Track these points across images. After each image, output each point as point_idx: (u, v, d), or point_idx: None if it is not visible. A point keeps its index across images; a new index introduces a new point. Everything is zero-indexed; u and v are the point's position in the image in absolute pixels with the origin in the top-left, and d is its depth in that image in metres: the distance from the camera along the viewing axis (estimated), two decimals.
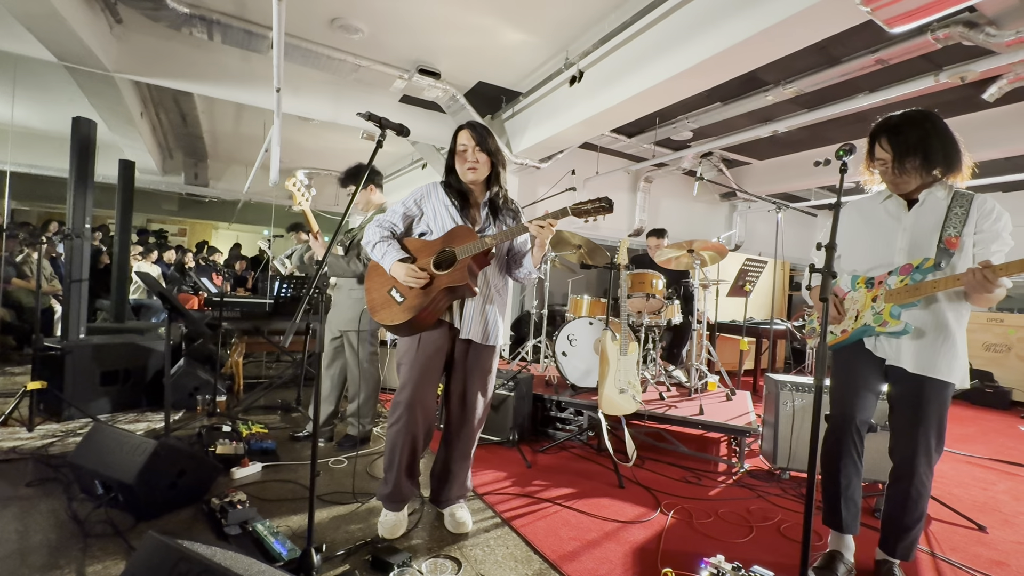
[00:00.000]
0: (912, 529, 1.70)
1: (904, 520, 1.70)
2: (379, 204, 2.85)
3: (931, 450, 1.66)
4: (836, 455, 1.77)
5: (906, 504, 1.68)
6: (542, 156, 5.48)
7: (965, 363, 1.67)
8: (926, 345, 1.65)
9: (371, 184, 2.81)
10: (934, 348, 1.64)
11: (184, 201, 10.48)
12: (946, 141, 1.64)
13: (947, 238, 1.61)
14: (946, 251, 1.61)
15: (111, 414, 3.23)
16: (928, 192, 1.69)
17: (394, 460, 1.93)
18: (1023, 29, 2.89)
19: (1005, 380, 5.36)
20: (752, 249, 8.09)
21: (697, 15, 3.18)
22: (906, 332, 1.66)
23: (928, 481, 1.68)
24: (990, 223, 1.59)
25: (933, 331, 1.65)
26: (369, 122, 1.75)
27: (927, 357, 1.64)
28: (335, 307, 2.85)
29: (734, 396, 3.63)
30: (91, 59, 3.76)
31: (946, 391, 1.65)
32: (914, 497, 1.67)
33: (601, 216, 1.81)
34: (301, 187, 2.57)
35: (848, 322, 1.82)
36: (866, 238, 1.80)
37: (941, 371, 1.63)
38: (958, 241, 1.60)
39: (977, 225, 1.61)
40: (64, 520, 1.90)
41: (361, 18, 3.82)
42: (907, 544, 1.72)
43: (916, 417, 1.66)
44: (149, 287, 2.91)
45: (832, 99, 4.55)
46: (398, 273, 1.85)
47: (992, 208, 1.61)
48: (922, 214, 1.69)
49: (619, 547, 1.94)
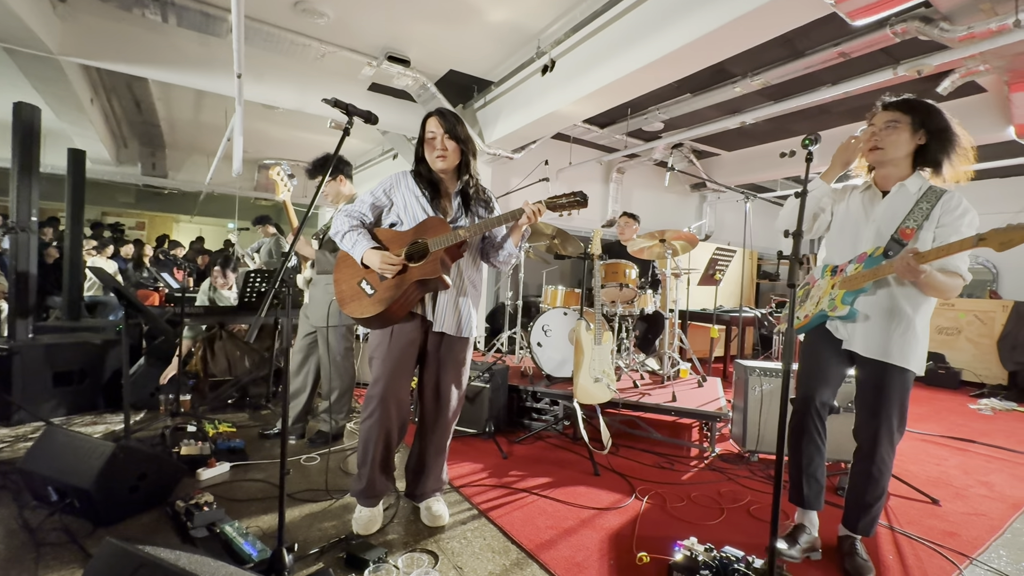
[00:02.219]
0: (873, 506, 1.78)
1: (865, 498, 1.77)
2: (349, 195, 2.78)
3: (892, 432, 1.73)
4: (799, 434, 1.85)
5: (867, 483, 1.76)
6: (515, 146, 5.45)
7: (923, 350, 1.72)
8: (877, 330, 1.71)
9: (340, 175, 2.72)
10: (886, 334, 1.70)
11: (142, 193, 10.02)
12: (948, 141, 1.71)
13: (902, 229, 1.67)
14: (898, 241, 1.66)
15: (66, 416, 3.08)
16: (901, 185, 1.74)
17: (368, 455, 1.89)
18: (974, 25, 3.01)
19: (956, 361, 5.65)
20: (722, 238, 8.27)
21: (666, 6, 3.20)
22: (851, 317, 1.73)
23: (889, 461, 1.75)
24: (952, 217, 1.62)
25: (885, 317, 1.71)
26: (336, 109, 1.69)
27: (878, 342, 1.71)
28: (311, 302, 2.78)
29: (705, 383, 3.71)
30: (32, 40, 3.52)
31: (905, 376, 1.71)
32: (875, 476, 1.74)
33: (576, 210, 1.80)
34: (284, 177, 2.48)
35: (810, 307, 1.89)
36: (841, 228, 1.86)
37: (894, 356, 1.69)
38: (913, 233, 1.65)
39: (940, 219, 1.64)
40: (14, 529, 1.80)
41: (326, 2, 3.69)
42: (868, 520, 1.79)
43: (877, 401, 1.73)
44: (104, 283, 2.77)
45: (797, 91, 4.66)
46: (372, 260, 1.80)
47: (958, 204, 1.64)
48: (890, 206, 1.74)
49: (595, 534, 1.97)
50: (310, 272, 2.78)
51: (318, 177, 2.68)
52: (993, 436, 3.60)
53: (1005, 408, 4.53)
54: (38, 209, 3.31)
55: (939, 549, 1.96)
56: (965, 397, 4.98)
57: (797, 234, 1.46)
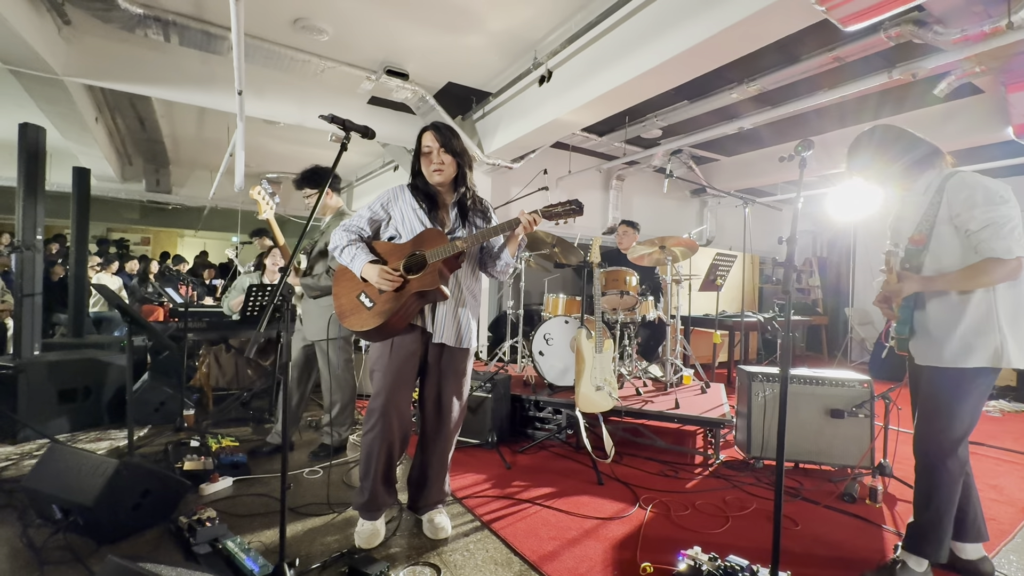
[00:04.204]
0: (917, 519, 1.68)
1: (914, 507, 1.70)
2: (335, 207, 2.81)
3: (927, 436, 1.65)
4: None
5: (916, 493, 1.71)
6: (514, 156, 5.48)
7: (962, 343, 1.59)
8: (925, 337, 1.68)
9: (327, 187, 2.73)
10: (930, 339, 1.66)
11: (146, 209, 10.10)
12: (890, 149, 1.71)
13: (912, 237, 1.67)
14: (912, 252, 1.66)
15: (71, 433, 3.09)
16: (908, 192, 1.73)
17: (370, 468, 1.89)
18: (967, 28, 3.03)
19: None
20: (723, 243, 8.25)
21: (660, 15, 3.23)
22: (903, 332, 1.71)
23: (937, 473, 1.64)
24: (960, 203, 1.56)
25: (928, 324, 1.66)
26: (333, 124, 1.72)
27: (922, 348, 1.68)
28: (305, 316, 2.79)
29: (708, 389, 3.69)
30: (38, 62, 3.58)
31: (937, 375, 1.63)
32: (922, 489, 1.67)
33: (572, 219, 1.81)
34: (265, 195, 2.50)
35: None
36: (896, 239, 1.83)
37: (929, 358, 1.65)
38: (923, 238, 1.63)
39: (951, 208, 1.58)
40: (19, 548, 1.80)
41: (325, 19, 3.75)
42: (913, 535, 1.69)
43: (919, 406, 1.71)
44: (107, 300, 2.79)
45: (794, 96, 4.68)
46: (370, 275, 1.81)
47: (960, 186, 1.57)
48: (909, 214, 1.73)
49: (599, 544, 1.95)
50: (300, 287, 2.78)
51: (304, 188, 2.70)
52: (1002, 438, 3.56)
53: (1014, 410, 4.48)
54: (44, 228, 3.36)
55: None
56: None
57: (791, 241, 1.46)
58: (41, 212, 3.31)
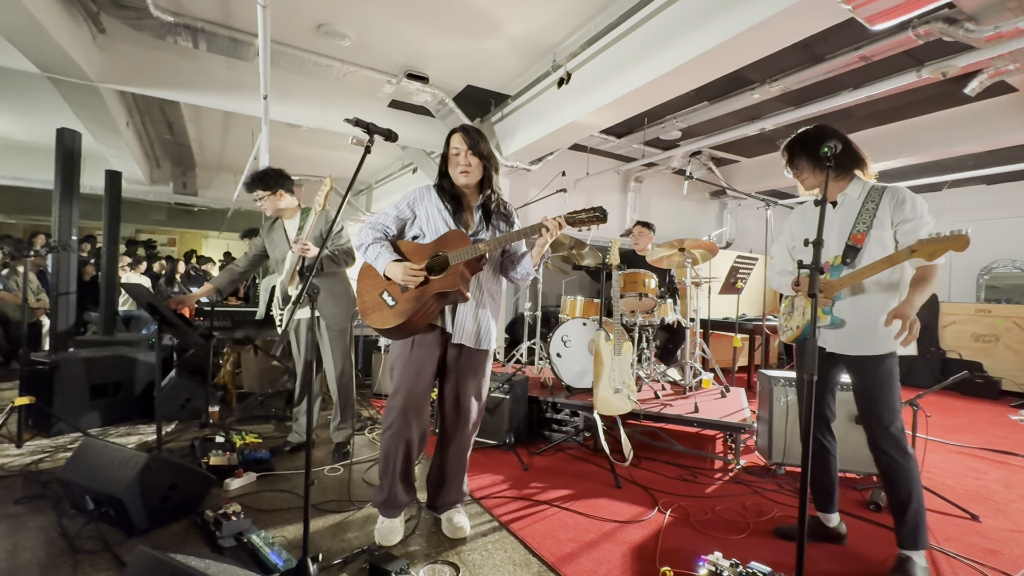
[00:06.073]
0: (901, 513, 1.73)
1: (891, 504, 1.76)
2: (287, 208, 2.73)
3: (883, 424, 1.72)
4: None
5: (886, 487, 1.77)
6: (532, 158, 5.49)
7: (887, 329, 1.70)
8: (854, 329, 1.79)
9: (280, 189, 2.68)
10: (863, 330, 1.77)
11: (173, 211, 10.39)
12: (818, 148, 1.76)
13: (853, 234, 1.77)
14: (852, 247, 1.77)
15: (102, 428, 3.19)
16: (843, 194, 1.83)
17: (389, 466, 1.92)
18: (1001, 24, 2.94)
19: (994, 370, 5.42)
20: (743, 246, 8.14)
21: (681, 16, 3.21)
22: (834, 324, 1.81)
23: (900, 458, 1.72)
24: (907, 213, 1.70)
25: (859, 315, 1.77)
26: (357, 128, 1.75)
27: (853, 338, 1.79)
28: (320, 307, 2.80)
29: (728, 393, 3.64)
30: (74, 69, 3.72)
31: (876, 362, 1.73)
32: (891, 477, 1.74)
33: (595, 225, 1.82)
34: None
35: (799, 318, 1.94)
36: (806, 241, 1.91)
37: (868, 347, 1.75)
38: (864, 236, 1.75)
39: (893, 216, 1.72)
40: (54, 537, 1.87)
41: (348, 24, 3.81)
42: (906, 530, 1.73)
43: (862, 396, 1.78)
44: (136, 299, 2.87)
45: (817, 96, 4.59)
46: (394, 272, 1.84)
47: (904, 198, 1.72)
48: (841, 214, 1.84)
49: (617, 547, 1.94)
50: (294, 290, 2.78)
51: (256, 191, 2.65)
52: None
53: None
54: (78, 228, 3.48)
55: (980, 568, 1.88)
56: (1005, 407, 4.77)
57: (817, 243, 1.44)
58: (76, 214, 3.43)
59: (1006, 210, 6.98)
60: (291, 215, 2.77)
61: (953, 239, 1.49)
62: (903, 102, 4.83)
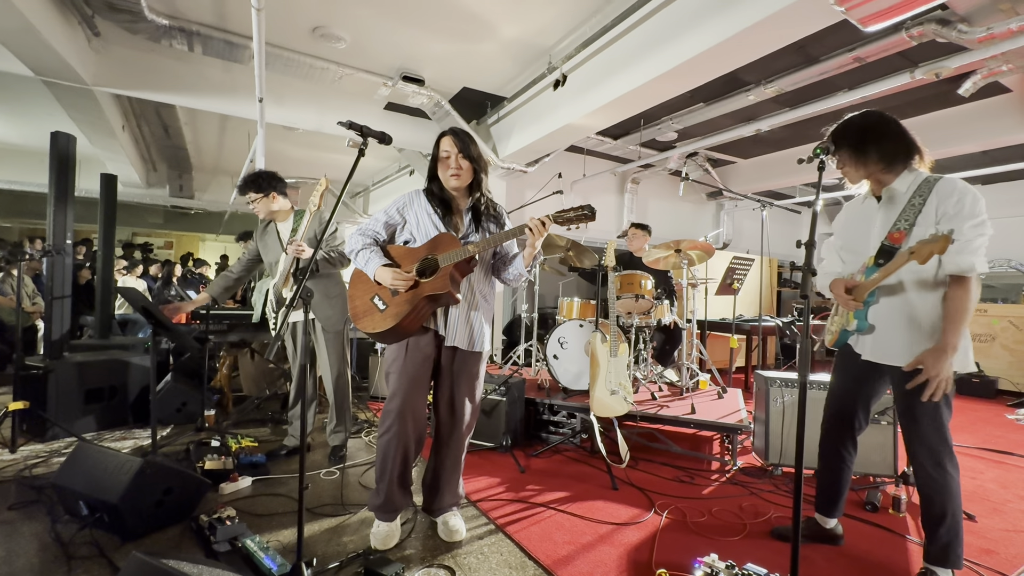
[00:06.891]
0: (933, 528, 1.65)
1: (923, 517, 1.68)
2: (280, 210, 2.74)
3: (927, 442, 1.62)
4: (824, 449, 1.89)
5: (920, 499, 1.69)
6: (528, 160, 5.50)
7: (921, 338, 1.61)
8: (886, 337, 1.69)
9: (272, 191, 2.68)
10: (897, 338, 1.66)
11: (169, 214, 10.37)
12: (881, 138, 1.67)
13: (891, 233, 1.65)
14: (888, 248, 1.64)
15: (96, 432, 3.18)
16: (888, 188, 1.70)
17: (386, 470, 1.91)
18: (993, 25, 2.96)
19: (991, 370, 5.44)
20: (740, 247, 8.16)
21: (676, 18, 3.22)
22: (861, 329, 1.73)
23: (940, 477, 1.61)
24: (950, 207, 1.55)
25: (896, 323, 1.67)
26: (351, 131, 1.75)
27: (888, 347, 1.68)
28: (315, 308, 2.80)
29: (725, 394, 3.64)
30: (69, 73, 3.72)
31: (908, 376, 1.61)
32: (926, 494, 1.65)
33: (584, 224, 1.81)
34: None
35: (840, 321, 1.86)
36: (854, 239, 1.84)
37: (896, 356, 1.65)
38: (903, 235, 1.61)
39: (939, 211, 1.57)
40: (48, 543, 1.86)
41: (343, 27, 3.82)
42: (936, 547, 1.65)
43: (900, 410, 1.69)
44: (131, 302, 2.86)
45: (812, 97, 4.62)
46: (384, 277, 1.84)
47: (951, 191, 1.56)
48: (885, 212, 1.72)
49: (614, 549, 1.94)
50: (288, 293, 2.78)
51: (248, 193, 2.65)
52: None
53: None
54: (73, 232, 3.47)
55: (976, 567, 1.88)
56: (1001, 407, 4.78)
57: (809, 245, 1.44)
58: (71, 217, 3.42)
59: (1002, 210, 7.02)
60: (284, 218, 2.77)
61: (934, 241, 1.41)
62: (897, 103, 4.85)
